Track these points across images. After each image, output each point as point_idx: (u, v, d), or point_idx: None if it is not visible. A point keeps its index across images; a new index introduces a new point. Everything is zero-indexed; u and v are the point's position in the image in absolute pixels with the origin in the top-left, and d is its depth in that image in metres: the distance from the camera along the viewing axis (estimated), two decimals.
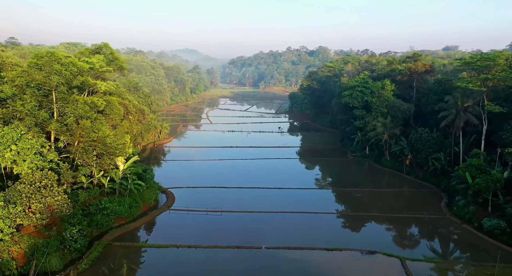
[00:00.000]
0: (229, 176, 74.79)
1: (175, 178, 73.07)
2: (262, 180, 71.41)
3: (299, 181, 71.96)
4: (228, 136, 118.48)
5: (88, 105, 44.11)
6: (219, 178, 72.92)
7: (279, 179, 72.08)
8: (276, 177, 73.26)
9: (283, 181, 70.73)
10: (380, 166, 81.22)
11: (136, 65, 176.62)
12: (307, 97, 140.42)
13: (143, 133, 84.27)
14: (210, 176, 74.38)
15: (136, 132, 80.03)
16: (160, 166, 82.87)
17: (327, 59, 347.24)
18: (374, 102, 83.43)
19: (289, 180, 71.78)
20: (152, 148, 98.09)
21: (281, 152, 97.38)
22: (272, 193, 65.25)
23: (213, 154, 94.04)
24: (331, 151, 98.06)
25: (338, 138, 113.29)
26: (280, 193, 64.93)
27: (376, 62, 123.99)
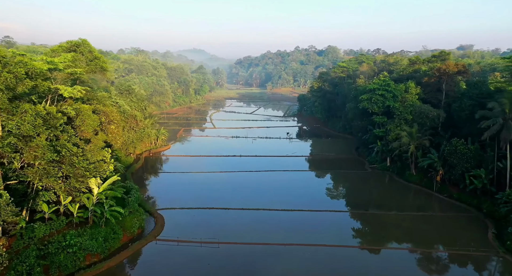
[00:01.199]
0: (230, 192, 64.96)
1: (168, 195, 63.47)
2: (268, 198, 61.43)
3: (311, 200, 61.78)
4: (232, 142, 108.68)
5: (41, 117, 34.51)
6: (219, 195, 63.11)
7: (287, 197, 62.03)
8: (285, 196, 63.19)
9: (292, 200, 60.66)
10: (404, 181, 70.65)
11: (137, 65, 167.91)
12: (317, 100, 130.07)
13: (135, 142, 74.78)
14: (208, 192, 64.62)
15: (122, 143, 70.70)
16: (152, 180, 73.23)
17: (337, 59, 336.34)
18: (397, 108, 72.88)
19: (299, 199, 61.71)
20: (148, 156, 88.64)
21: (289, 162, 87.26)
22: (280, 216, 55.16)
23: (214, 164, 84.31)
24: (346, 161, 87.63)
25: (352, 145, 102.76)
26: (290, 217, 54.80)
27: (394, 62, 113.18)
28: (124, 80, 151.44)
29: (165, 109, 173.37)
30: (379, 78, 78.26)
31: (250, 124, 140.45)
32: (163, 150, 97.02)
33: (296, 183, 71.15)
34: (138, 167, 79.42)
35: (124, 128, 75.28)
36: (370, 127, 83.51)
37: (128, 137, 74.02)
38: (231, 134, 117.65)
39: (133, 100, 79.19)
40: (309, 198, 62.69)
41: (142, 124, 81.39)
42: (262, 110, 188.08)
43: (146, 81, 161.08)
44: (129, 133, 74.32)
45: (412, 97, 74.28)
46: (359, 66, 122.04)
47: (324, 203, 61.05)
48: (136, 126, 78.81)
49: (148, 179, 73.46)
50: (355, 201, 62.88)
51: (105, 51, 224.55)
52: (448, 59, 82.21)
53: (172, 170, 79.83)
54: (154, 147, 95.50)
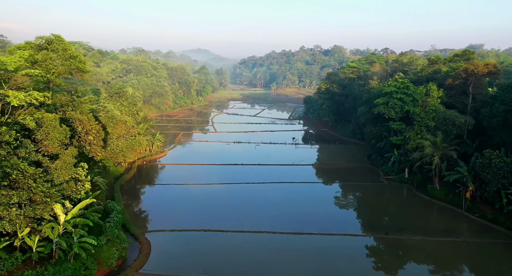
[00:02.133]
0: (229, 209, 57.23)
1: (159, 212, 55.95)
2: (272, 217, 53.69)
3: (321, 219, 53.95)
4: (234, 148, 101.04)
5: None
6: (216, 213, 55.50)
7: (294, 216, 54.26)
8: (291, 214, 55.38)
9: (299, 219, 52.90)
10: (425, 195, 62.53)
11: (135, 65, 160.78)
12: (325, 102, 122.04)
13: (125, 151, 67.33)
14: (205, 209, 57.05)
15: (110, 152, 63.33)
16: (143, 193, 65.68)
17: (343, 59, 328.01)
18: (418, 113, 64.79)
19: (307, 217, 53.95)
20: (141, 165, 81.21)
21: (296, 171, 79.41)
22: (287, 241, 47.40)
23: (213, 174, 76.72)
24: (359, 171, 79.56)
25: (364, 152, 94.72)
26: (298, 242, 47.01)
27: (408, 62, 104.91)
28: (122, 81, 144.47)
29: (165, 111, 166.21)
30: (396, 80, 70.13)
31: (254, 127, 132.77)
32: (159, 157, 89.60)
33: (303, 198, 63.24)
34: (129, 177, 71.96)
35: (112, 135, 67.89)
36: (385, 134, 75.47)
37: (117, 145, 66.58)
38: (233, 139, 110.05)
39: (124, 104, 71.71)
40: (318, 217, 54.84)
41: (134, 130, 73.92)
42: (266, 112, 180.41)
43: (145, 82, 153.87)
44: (118, 141, 66.87)
45: (434, 101, 66.21)
46: (370, 66, 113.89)
47: (336, 224, 53.12)
48: (127, 133, 71.36)
49: (138, 192, 65.94)
50: (372, 221, 54.89)
51: (105, 51, 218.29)
52: (472, 58, 74.00)
53: (166, 181, 72.27)
54: (149, 154, 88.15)
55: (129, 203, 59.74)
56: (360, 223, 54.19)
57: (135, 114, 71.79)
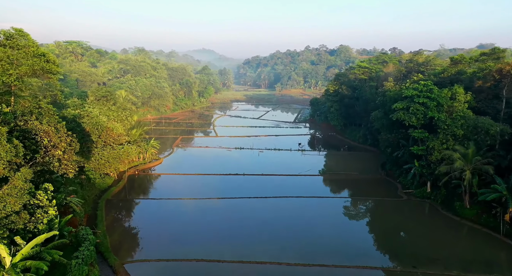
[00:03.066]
0: (227, 233, 49.56)
1: (145, 236, 48.50)
2: (276, 242, 46.07)
3: (334, 244, 46.21)
4: (236, 155, 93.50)
5: None
6: (212, 237, 47.91)
7: (302, 241, 46.58)
8: (298, 238, 47.66)
9: (310, 246, 45.23)
10: (453, 215, 54.43)
11: (134, 66, 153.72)
12: (333, 105, 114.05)
13: (112, 162, 59.98)
14: (199, 232, 49.50)
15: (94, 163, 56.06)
16: (130, 211, 58.14)
17: (350, 59, 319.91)
18: (443, 120, 56.77)
19: (318, 242, 46.29)
20: (132, 175, 73.86)
21: (303, 183, 71.70)
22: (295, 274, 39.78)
23: (211, 186, 69.19)
24: (373, 183, 71.61)
25: (377, 160, 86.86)
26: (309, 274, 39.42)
27: (424, 61, 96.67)
28: (119, 82, 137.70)
29: (165, 114, 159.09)
30: (416, 82, 62.12)
31: (257, 131, 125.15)
32: (153, 166, 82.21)
33: (313, 217, 55.39)
34: (117, 190, 64.51)
35: (98, 144, 60.56)
36: (404, 143, 67.46)
37: (102, 156, 59.24)
38: (234, 145, 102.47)
39: (112, 109, 64.31)
40: (330, 242, 47.07)
41: (124, 138, 66.54)
42: (271, 114, 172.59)
43: (143, 83, 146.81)
44: (103, 151, 59.50)
45: (461, 106, 58.18)
46: (383, 66, 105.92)
47: (352, 251, 45.33)
48: (115, 141, 63.99)
49: (126, 208, 58.49)
50: (394, 248, 46.93)
51: (104, 51, 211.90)
52: (503, 57, 65.94)
53: (158, 194, 64.75)
54: (142, 162, 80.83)
55: (113, 223, 52.30)
56: (380, 251, 46.28)
57: (124, 120, 64.35)
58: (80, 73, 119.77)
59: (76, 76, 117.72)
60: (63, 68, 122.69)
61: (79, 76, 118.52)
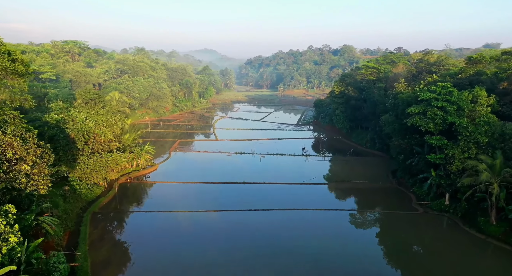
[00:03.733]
0: (223, 257, 44.15)
1: (134, 258, 43.20)
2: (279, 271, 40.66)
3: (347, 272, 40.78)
4: (236, 161, 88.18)
5: None
6: (206, 262, 42.55)
7: (309, 266, 41.15)
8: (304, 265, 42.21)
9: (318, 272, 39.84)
10: (476, 232, 48.75)
11: (132, 66, 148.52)
12: (339, 107, 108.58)
13: (99, 171, 54.76)
14: (192, 253, 44.15)
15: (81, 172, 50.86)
16: (117, 226, 52.75)
17: (353, 59, 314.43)
18: (465, 126, 51.24)
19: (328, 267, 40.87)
20: (124, 183, 68.66)
21: (308, 193, 66.30)
22: None
23: (208, 196, 63.89)
24: (384, 193, 66.09)
25: (386, 166, 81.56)
26: None
27: (436, 61, 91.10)
28: (115, 83, 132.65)
29: (164, 116, 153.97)
30: (434, 84, 56.60)
31: (259, 134, 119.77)
32: (148, 172, 76.96)
33: (318, 235, 49.86)
34: (106, 201, 59.19)
35: (84, 151, 55.36)
36: (418, 150, 61.89)
37: (88, 164, 54.03)
38: (235, 149, 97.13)
39: (100, 113, 59.07)
40: (342, 268, 41.64)
41: (114, 144, 61.28)
42: (273, 116, 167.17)
43: (141, 83, 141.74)
44: (89, 159, 54.28)
45: (484, 110, 52.66)
46: (392, 67, 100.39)
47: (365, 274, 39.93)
48: (104, 148, 58.78)
49: (113, 223, 53.23)
50: (411, 270, 41.44)
51: (103, 51, 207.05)
52: None
53: (151, 206, 59.40)
54: (135, 169, 75.62)
55: (98, 240, 47.00)
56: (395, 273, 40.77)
57: (113, 125, 59.11)
58: (74, 74, 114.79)
59: (69, 77, 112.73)
60: (56, 69, 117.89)
61: (73, 77, 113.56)
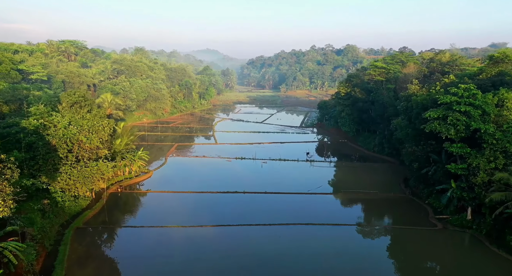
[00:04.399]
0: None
1: None
2: None
3: None
4: (236, 167, 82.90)
5: None
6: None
7: None
8: None
9: None
10: (505, 253, 43.12)
11: (129, 66, 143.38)
12: (345, 109, 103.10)
13: (82, 182, 49.52)
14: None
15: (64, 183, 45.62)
16: (103, 245, 47.27)
17: (357, 59, 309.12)
18: (491, 133, 45.71)
19: None
20: (115, 193, 63.41)
21: (314, 204, 60.95)
22: None
23: (206, 207, 58.60)
24: (398, 205, 60.55)
25: (396, 172, 76.31)
26: None
27: (449, 61, 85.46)
28: (111, 83, 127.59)
29: (162, 117, 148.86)
30: (456, 86, 51.04)
31: (260, 137, 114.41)
32: (141, 180, 71.72)
33: (326, 253, 44.37)
34: (92, 214, 53.73)
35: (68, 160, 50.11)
36: (435, 158, 56.31)
37: (71, 174, 48.78)
38: (235, 154, 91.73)
39: (86, 117, 53.75)
40: None
41: (102, 151, 56.00)
42: (275, 118, 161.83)
43: (139, 84, 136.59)
44: (73, 169, 49.01)
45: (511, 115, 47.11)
46: (401, 67, 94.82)
47: None
48: (90, 156, 53.51)
49: (98, 240, 47.87)
50: None
51: (101, 51, 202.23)
52: None
53: (141, 220, 53.99)
54: (127, 176, 70.41)
55: (79, 262, 41.55)
56: None
57: (100, 131, 53.79)
58: (67, 74, 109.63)
59: (62, 78, 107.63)
60: (48, 69, 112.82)
61: (66, 78, 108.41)
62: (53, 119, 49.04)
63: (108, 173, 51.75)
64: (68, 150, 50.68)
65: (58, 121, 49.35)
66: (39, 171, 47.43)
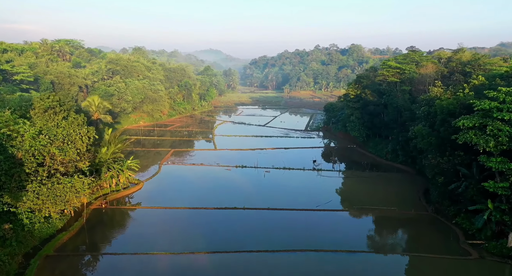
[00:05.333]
0: None
1: None
2: None
3: None
4: (235, 177, 75.47)
5: None
6: None
7: None
8: None
9: None
10: None
11: (125, 66, 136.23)
12: (354, 112, 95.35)
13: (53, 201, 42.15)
14: None
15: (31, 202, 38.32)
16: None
17: (363, 59, 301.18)
18: None
19: None
20: (99, 208, 56.10)
21: (324, 224, 53.33)
22: None
23: (200, 228, 51.08)
24: (420, 225, 52.56)
25: (413, 183, 68.78)
26: None
27: (471, 60, 77.48)
28: (105, 84, 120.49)
29: (160, 120, 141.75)
30: (495, 89, 43.26)
31: (263, 142, 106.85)
32: (130, 193, 64.42)
33: None
34: (67, 238, 45.98)
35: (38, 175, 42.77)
36: (466, 172, 48.57)
37: (40, 193, 41.43)
38: (235, 162, 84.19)
39: (61, 125, 46.43)
40: None
41: (82, 164, 48.64)
42: (278, 120, 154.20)
43: (135, 85, 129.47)
44: (42, 187, 41.67)
45: None
46: (417, 67, 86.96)
47: None
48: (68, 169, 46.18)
49: (70, 273, 40.44)
50: None
51: (98, 50, 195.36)
52: None
53: (123, 244, 46.42)
54: (114, 189, 63.15)
55: None
56: None
57: (78, 141, 46.45)
58: (57, 75, 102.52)
59: (51, 78, 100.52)
60: (36, 69, 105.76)
61: (55, 78, 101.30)
62: (19, 128, 41.79)
63: (83, 191, 44.22)
64: (39, 164, 43.41)
65: (25, 130, 42.08)
66: (2, 189, 40.15)
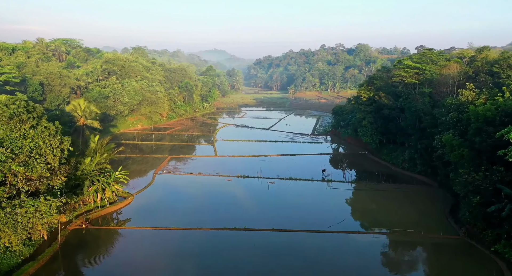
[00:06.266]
0: None
1: None
2: None
3: None
4: (237, 188, 68.04)
5: None
6: None
7: None
8: None
9: None
10: None
11: (122, 66, 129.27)
12: (367, 117, 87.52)
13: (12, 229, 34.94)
14: None
15: None
16: None
17: (370, 59, 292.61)
18: None
19: None
20: (79, 229, 48.91)
21: (337, 250, 45.75)
22: None
23: (193, 254, 43.74)
24: (451, 253, 44.77)
25: (436, 199, 61.04)
26: None
27: (498, 59, 69.44)
28: (100, 86, 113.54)
29: (159, 123, 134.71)
30: None
31: (267, 148, 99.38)
32: (117, 209, 57.23)
33: None
34: (34, 269, 38.84)
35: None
36: (508, 192, 40.76)
37: None
38: (237, 170, 76.59)
39: (28, 136, 39.25)
40: None
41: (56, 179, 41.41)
42: (284, 123, 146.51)
43: (132, 86, 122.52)
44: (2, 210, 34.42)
45: None
46: (436, 67, 78.98)
47: None
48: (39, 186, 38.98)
49: None
50: None
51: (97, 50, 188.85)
52: None
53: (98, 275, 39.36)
54: (99, 205, 55.97)
55: None
56: None
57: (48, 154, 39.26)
58: (47, 76, 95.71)
59: (40, 79, 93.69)
60: (25, 70, 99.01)
61: (45, 79, 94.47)
62: None
63: (49, 216, 36.86)
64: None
65: None
66: None
